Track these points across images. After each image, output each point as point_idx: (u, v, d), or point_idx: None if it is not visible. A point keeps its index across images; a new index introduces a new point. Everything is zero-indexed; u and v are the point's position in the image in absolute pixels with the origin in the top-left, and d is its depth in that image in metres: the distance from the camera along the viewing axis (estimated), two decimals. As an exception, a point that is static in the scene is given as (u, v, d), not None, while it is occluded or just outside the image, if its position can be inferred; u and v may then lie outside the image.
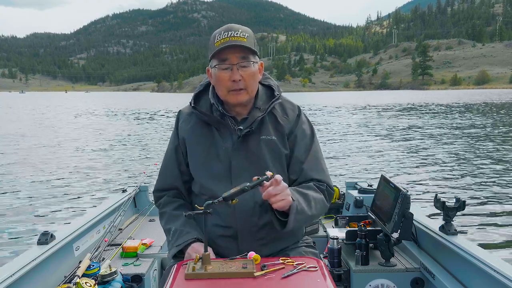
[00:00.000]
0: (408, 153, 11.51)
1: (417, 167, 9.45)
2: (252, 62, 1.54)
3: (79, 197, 7.19)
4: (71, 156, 11.85)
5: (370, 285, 2.13)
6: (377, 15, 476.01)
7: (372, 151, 11.83)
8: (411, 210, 2.06)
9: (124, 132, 18.54)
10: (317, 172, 1.64)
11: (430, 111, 30.59)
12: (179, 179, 1.69)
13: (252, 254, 1.37)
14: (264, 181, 1.38)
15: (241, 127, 1.58)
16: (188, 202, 1.71)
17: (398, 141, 14.12)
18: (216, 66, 1.55)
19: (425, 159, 10.48)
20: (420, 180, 8.01)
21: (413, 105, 40.88)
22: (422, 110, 31.98)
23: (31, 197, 7.22)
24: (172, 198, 1.70)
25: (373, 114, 28.38)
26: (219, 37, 1.51)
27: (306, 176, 1.62)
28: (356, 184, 3.23)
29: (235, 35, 1.50)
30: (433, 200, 2.10)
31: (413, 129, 18.09)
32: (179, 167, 1.69)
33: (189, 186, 1.71)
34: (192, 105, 1.66)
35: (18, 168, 9.95)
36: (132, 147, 13.59)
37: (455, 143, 13.35)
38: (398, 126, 19.30)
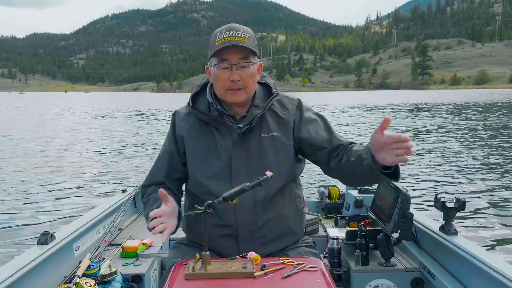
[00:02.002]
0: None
1: (417, 167, 9.44)
2: (251, 63, 1.54)
3: (79, 197, 7.18)
4: (71, 156, 11.84)
5: (370, 285, 2.13)
6: (377, 15, 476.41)
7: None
8: (411, 210, 2.06)
9: (124, 132, 18.52)
10: (343, 139, 1.63)
11: (430, 111, 30.59)
12: (167, 176, 1.68)
13: (252, 254, 1.37)
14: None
15: (241, 125, 1.58)
16: (177, 198, 1.66)
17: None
18: (216, 65, 1.54)
19: (425, 159, 10.47)
20: (420, 180, 8.01)
21: (413, 105, 40.89)
22: (422, 110, 31.98)
23: (31, 197, 7.21)
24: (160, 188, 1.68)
25: (373, 114, 28.38)
26: (220, 36, 1.51)
27: (342, 142, 1.60)
28: None
29: (236, 35, 1.50)
30: (433, 200, 2.10)
31: (412, 128, 18.10)
32: (171, 164, 1.68)
33: (178, 184, 1.70)
34: (191, 105, 1.66)
35: (18, 168, 9.94)
36: (132, 147, 13.58)
37: (455, 142, 13.35)
38: (397, 126, 19.29)
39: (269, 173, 1.35)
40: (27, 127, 21.06)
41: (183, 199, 1.78)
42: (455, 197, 2.04)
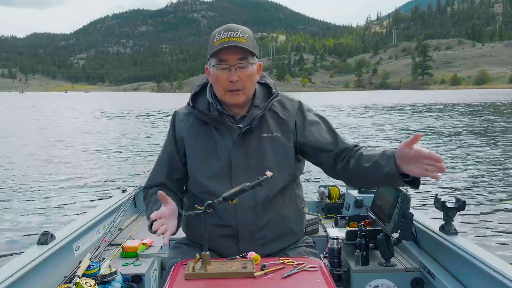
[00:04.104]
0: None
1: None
2: (250, 63, 1.54)
3: (79, 197, 7.19)
4: (71, 156, 11.85)
5: (370, 285, 2.13)
6: (377, 15, 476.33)
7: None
8: (411, 210, 2.06)
9: (124, 132, 18.53)
10: (348, 141, 1.64)
11: (430, 111, 30.58)
12: (168, 177, 1.67)
13: (252, 254, 1.37)
14: None
15: (241, 125, 1.58)
16: (178, 198, 1.67)
17: (398, 140, 14.12)
18: (215, 65, 1.54)
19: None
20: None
21: (413, 105, 40.89)
22: (422, 110, 31.99)
23: (31, 197, 7.21)
24: (161, 189, 1.68)
25: (372, 114, 28.37)
26: (219, 36, 1.51)
27: (347, 145, 1.61)
28: None
29: (235, 35, 1.50)
30: (433, 200, 2.10)
31: (412, 128, 18.09)
32: (171, 165, 1.67)
33: (179, 184, 1.70)
34: (191, 105, 1.66)
35: (18, 168, 9.95)
36: (132, 147, 13.59)
37: (455, 143, 13.35)
38: (397, 126, 19.30)
39: (269, 173, 1.35)
40: (27, 128, 21.06)
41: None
42: (455, 197, 2.04)
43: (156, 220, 1.38)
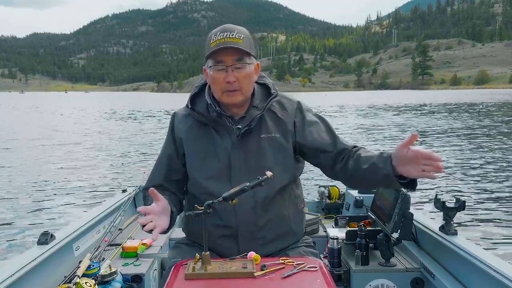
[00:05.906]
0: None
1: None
2: (247, 64, 1.54)
3: (79, 197, 7.18)
4: (71, 156, 11.85)
5: (370, 285, 2.13)
6: (377, 15, 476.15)
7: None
8: (411, 210, 2.06)
9: (124, 132, 18.53)
10: (346, 142, 1.64)
11: (430, 111, 30.59)
12: (167, 178, 1.67)
13: (252, 254, 1.37)
14: None
15: (239, 126, 1.57)
16: (177, 199, 1.67)
17: (398, 140, 14.11)
18: (211, 67, 1.54)
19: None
20: (420, 180, 7.98)
21: (413, 105, 40.89)
22: (422, 110, 31.99)
23: (31, 197, 7.21)
24: (160, 190, 1.69)
25: (372, 114, 28.37)
26: (215, 37, 1.51)
27: (346, 146, 1.61)
28: None
29: (231, 36, 1.50)
30: (433, 200, 2.10)
31: (412, 128, 18.09)
32: (170, 166, 1.67)
33: (178, 185, 1.69)
34: (189, 106, 1.66)
35: (18, 168, 9.95)
36: (132, 147, 13.58)
37: (455, 142, 13.35)
38: (397, 125, 19.29)
39: (269, 173, 1.35)
40: (26, 128, 21.05)
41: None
42: (455, 197, 2.04)
43: (145, 215, 1.38)
